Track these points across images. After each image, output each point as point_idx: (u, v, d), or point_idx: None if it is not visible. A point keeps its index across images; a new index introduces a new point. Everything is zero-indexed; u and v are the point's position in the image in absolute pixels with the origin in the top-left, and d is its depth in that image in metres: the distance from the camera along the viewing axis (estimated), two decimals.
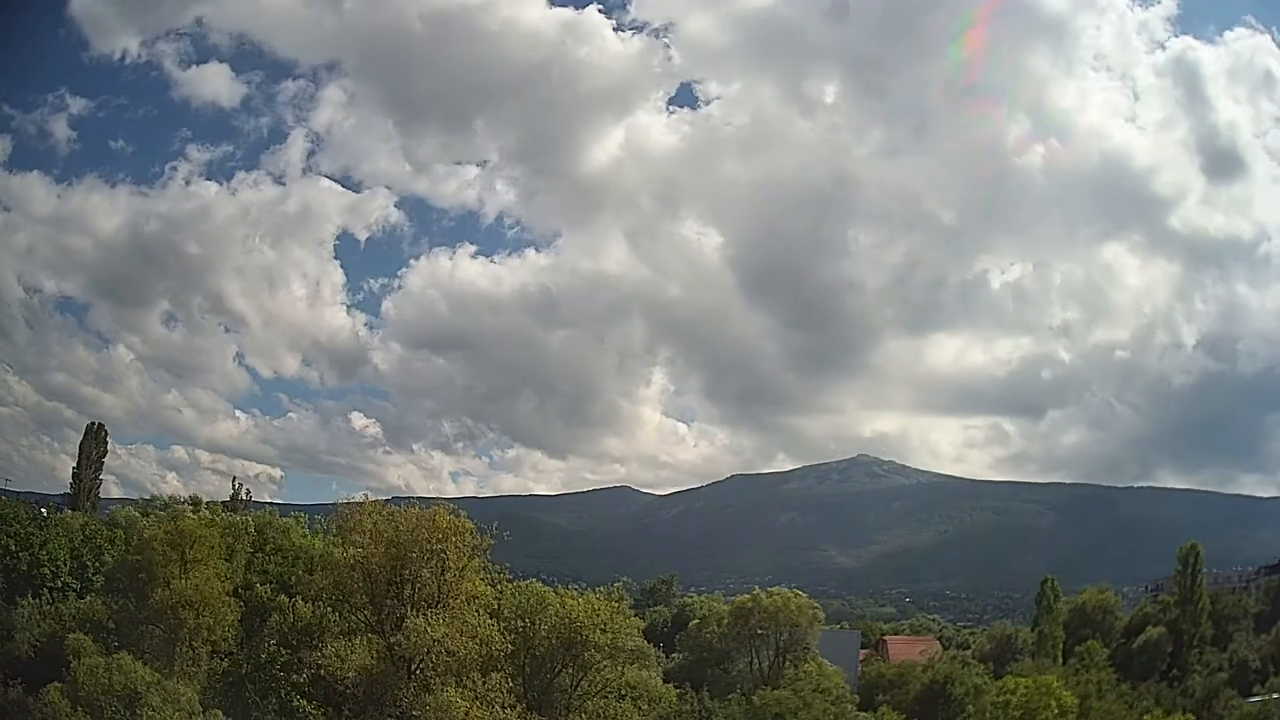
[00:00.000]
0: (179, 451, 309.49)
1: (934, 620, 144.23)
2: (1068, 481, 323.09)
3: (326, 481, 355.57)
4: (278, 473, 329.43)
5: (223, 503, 70.67)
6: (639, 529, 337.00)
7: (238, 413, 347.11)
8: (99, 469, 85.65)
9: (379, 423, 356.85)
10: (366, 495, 42.67)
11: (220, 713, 35.57)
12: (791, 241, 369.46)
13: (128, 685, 33.88)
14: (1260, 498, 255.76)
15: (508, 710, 36.46)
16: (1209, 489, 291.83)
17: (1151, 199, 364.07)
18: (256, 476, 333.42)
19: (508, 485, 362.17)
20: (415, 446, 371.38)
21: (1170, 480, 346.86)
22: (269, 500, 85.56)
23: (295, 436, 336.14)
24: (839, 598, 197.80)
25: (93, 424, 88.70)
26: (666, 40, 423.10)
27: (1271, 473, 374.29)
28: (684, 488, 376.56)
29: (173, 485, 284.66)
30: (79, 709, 33.73)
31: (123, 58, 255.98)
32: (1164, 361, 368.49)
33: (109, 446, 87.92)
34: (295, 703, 38.00)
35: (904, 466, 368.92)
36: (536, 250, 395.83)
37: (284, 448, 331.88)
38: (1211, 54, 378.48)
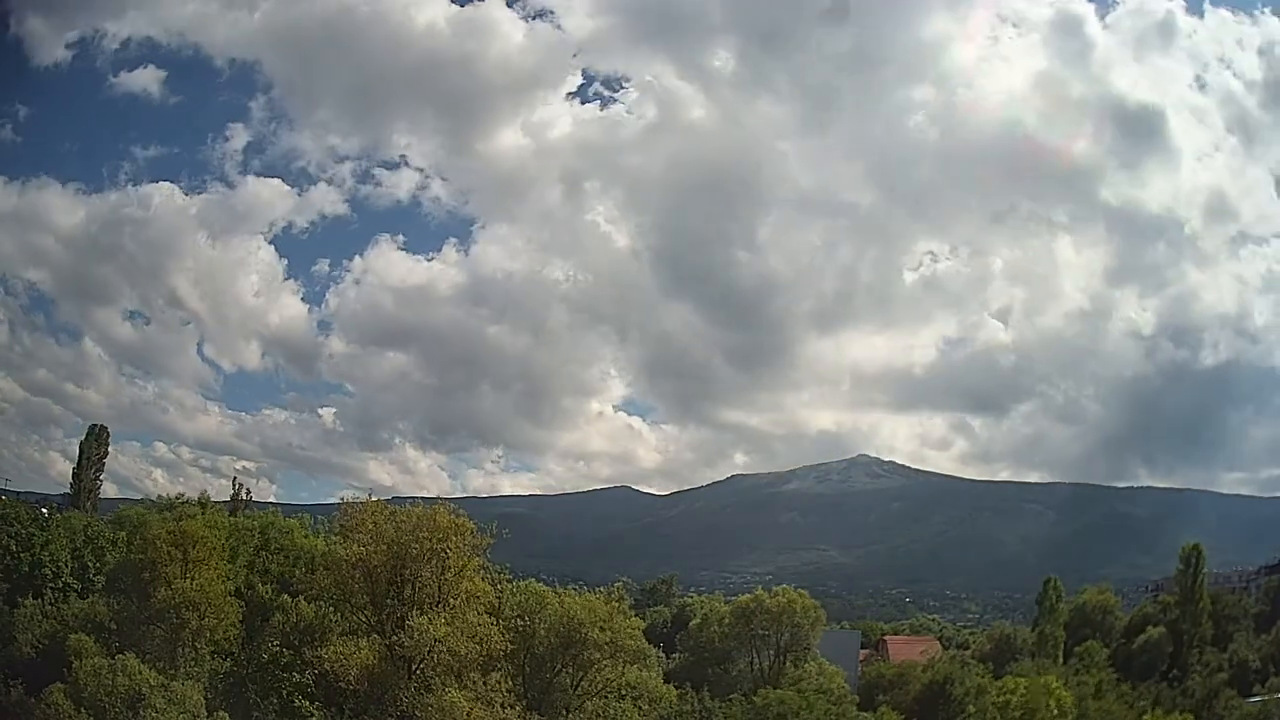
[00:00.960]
0: (161, 449, 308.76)
1: (934, 620, 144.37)
2: (1067, 481, 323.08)
3: (305, 479, 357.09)
4: (258, 464, 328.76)
5: (224, 503, 70.73)
6: (639, 529, 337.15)
7: (210, 406, 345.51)
8: (100, 469, 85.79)
9: (346, 418, 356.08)
10: (370, 495, 42.85)
11: (225, 714, 35.64)
12: (707, 233, 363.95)
13: (131, 686, 33.93)
14: (1261, 498, 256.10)
15: (508, 710, 36.60)
16: (1209, 489, 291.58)
17: (1076, 173, 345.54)
18: (242, 470, 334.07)
19: (477, 483, 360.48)
20: (386, 443, 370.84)
21: (1164, 479, 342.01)
22: (255, 498, 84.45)
23: (269, 432, 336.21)
24: (839, 597, 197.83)
25: (94, 425, 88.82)
26: (567, 29, 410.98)
27: (1254, 470, 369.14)
28: (684, 488, 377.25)
29: (160, 482, 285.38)
30: (81, 710, 33.76)
31: (59, 66, 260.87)
32: (1124, 351, 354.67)
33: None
34: (297, 702, 38.08)
35: (904, 466, 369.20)
36: (464, 245, 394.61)
37: (260, 444, 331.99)
38: (1112, 15, 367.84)
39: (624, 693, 42.21)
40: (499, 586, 42.63)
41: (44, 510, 66.54)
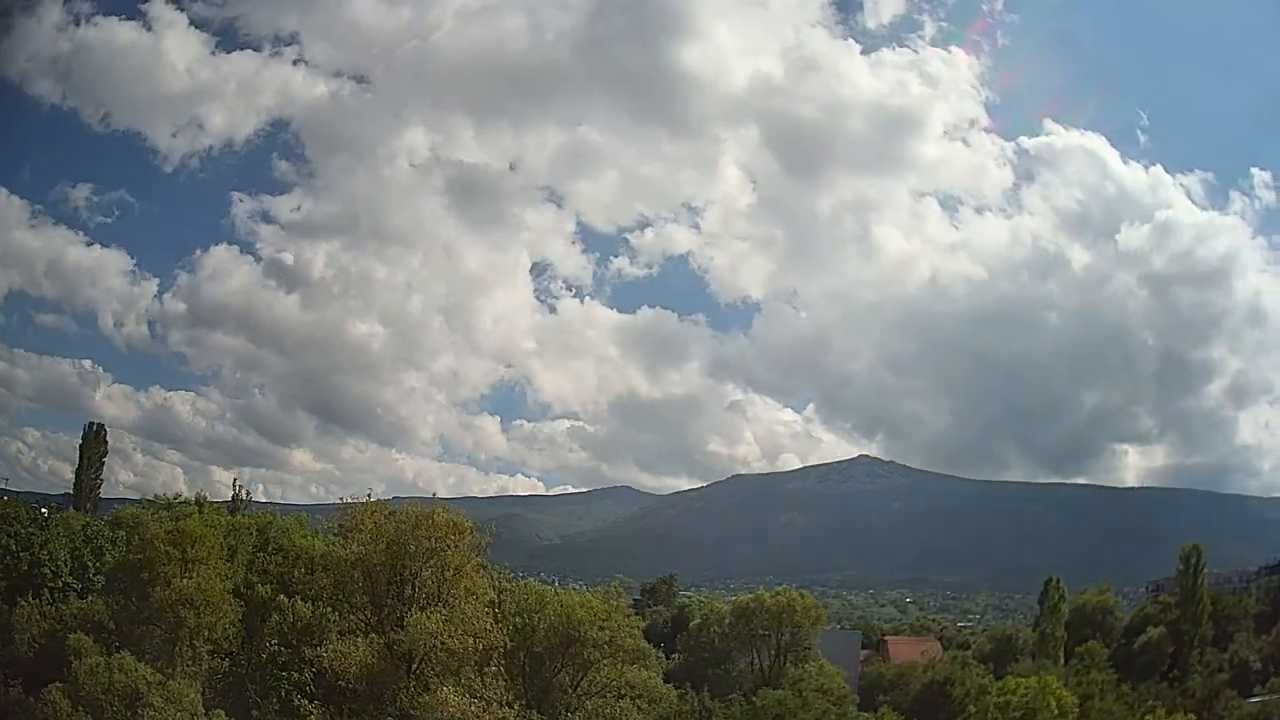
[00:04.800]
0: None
1: (934, 620, 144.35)
2: (1067, 482, 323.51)
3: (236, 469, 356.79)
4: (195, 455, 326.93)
5: (224, 503, 70.73)
6: (639, 529, 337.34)
7: (112, 386, 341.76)
8: (100, 469, 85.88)
9: (235, 408, 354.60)
10: (369, 495, 42.78)
11: (223, 713, 35.58)
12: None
13: (129, 685, 33.85)
14: (1262, 498, 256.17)
15: (506, 708, 36.49)
16: (1210, 489, 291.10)
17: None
18: (181, 461, 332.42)
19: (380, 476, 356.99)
20: (292, 433, 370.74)
21: (1165, 481, 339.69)
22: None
23: (189, 423, 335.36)
24: (839, 598, 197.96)
25: (92, 424, 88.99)
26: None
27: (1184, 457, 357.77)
28: (684, 488, 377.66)
29: (116, 469, 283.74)
30: (80, 709, 33.66)
31: None
32: (935, 310, 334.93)
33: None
34: (296, 701, 38.01)
35: (905, 467, 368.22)
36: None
37: (175, 429, 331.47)
38: None
39: (624, 692, 42.09)
40: (499, 586, 42.57)
41: (44, 510, 66.58)
